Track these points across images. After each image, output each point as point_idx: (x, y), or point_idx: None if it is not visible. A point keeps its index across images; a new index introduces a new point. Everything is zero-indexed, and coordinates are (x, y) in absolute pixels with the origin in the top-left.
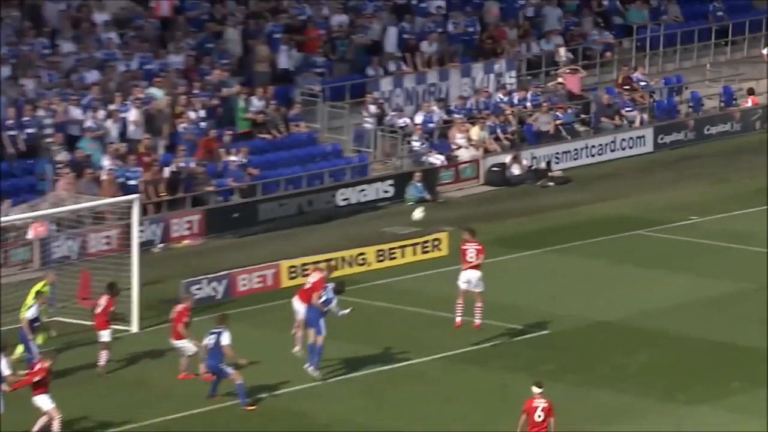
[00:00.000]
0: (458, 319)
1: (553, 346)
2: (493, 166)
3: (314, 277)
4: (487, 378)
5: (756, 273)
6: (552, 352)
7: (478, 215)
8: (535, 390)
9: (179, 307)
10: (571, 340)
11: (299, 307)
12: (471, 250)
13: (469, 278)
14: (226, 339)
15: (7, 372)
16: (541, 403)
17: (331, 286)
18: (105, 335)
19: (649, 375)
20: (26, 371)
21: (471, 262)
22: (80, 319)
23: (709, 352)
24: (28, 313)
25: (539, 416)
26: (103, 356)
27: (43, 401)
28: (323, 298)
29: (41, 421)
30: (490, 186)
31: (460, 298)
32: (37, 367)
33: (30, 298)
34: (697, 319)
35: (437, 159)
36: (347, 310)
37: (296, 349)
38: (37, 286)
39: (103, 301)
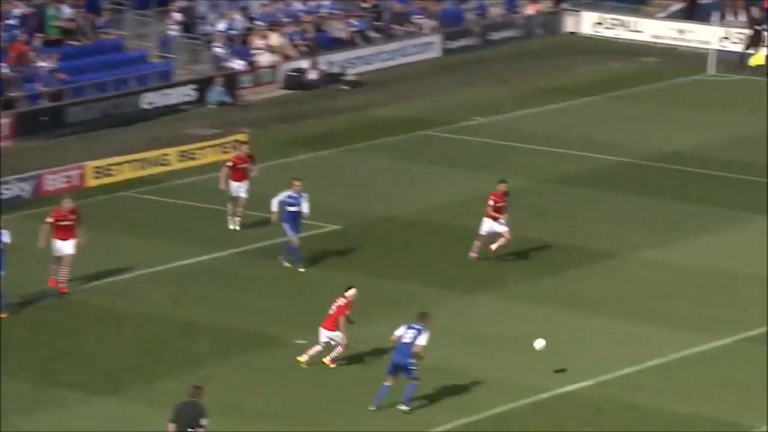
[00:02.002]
0: None
1: (346, 239)
2: (292, 70)
3: None
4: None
5: (532, 170)
6: (344, 244)
7: (276, 116)
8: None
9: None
10: (359, 234)
11: None
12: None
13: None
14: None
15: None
16: (342, 300)
17: None
18: None
19: (431, 264)
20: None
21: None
22: None
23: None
24: None
25: (332, 310)
26: None
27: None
28: None
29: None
30: (288, 89)
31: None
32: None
33: None
34: (476, 213)
35: (238, 64)
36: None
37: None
38: None
39: None
